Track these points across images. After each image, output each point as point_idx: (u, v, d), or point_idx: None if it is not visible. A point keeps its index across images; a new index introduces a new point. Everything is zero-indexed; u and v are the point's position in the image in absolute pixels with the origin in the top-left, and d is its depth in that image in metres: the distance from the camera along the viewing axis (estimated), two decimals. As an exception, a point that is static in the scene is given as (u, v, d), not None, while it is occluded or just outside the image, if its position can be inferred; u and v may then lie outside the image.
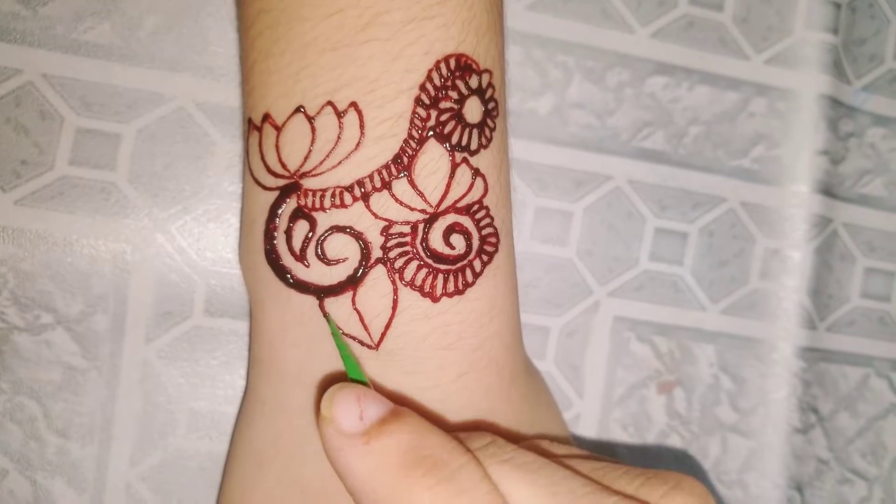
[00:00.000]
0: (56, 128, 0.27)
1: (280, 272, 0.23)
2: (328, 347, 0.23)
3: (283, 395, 0.24)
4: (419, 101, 0.22)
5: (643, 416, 0.31)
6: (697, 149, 0.31)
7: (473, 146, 0.23)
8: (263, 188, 0.23)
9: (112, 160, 0.27)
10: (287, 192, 0.22)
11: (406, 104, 0.22)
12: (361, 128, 0.22)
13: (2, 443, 0.27)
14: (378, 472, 0.19)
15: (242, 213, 0.25)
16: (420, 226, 0.22)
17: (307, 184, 0.22)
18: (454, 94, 0.22)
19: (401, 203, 0.22)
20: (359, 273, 0.22)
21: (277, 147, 0.22)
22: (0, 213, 0.26)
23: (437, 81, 0.22)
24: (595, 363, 0.31)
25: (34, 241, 0.27)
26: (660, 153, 0.31)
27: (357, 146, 0.22)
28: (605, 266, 0.31)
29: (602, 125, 0.31)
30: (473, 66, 0.23)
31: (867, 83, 0.33)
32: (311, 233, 0.22)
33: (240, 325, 0.28)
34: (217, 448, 0.28)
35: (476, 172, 0.23)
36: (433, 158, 0.22)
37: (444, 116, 0.22)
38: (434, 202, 0.22)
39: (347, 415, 0.20)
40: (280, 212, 0.23)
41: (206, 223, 0.28)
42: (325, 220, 0.22)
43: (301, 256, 0.23)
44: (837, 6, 0.32)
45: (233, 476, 0.25)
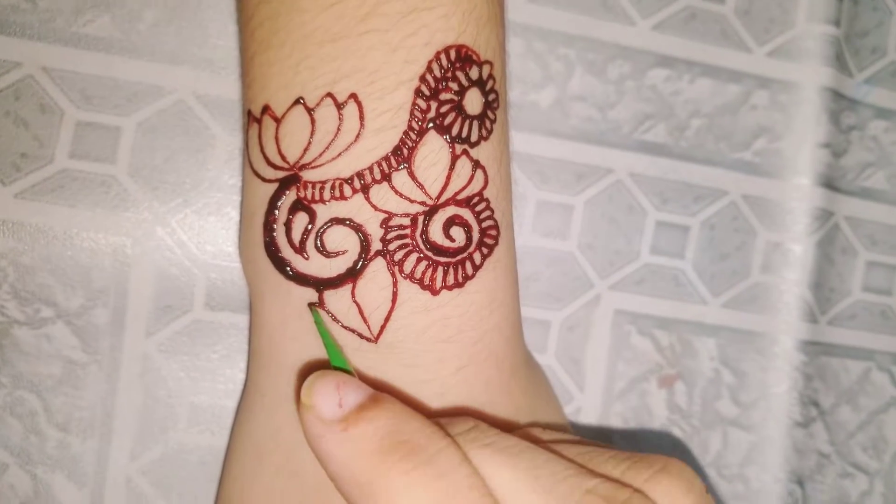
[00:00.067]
0: (56, 121, 0.27)
1: (279, 264, 0.23)
2: (328, 340, 0.23)
3: (283, 388, 0.24)
4: (419, 93, 0.22)
5: (644, 410, 0.31)
6: (699, 142, 0.31)
7: (474, 138, 0.23)
8: (263, 180, 0.23)
9: (112, 153, 0.27)
10: (286, 184, 0.22)
11: (406, 95, 0.22)
12: (361, 119, 0.22)
13: (2, 437, 0.27)
14: (356, 458, 0.19)
15: (242, 206, 0.25)
16: (420, 218, 0.22)
17: (307, 176, 0.22)
18: (454, 86, 0.22)
19: (400, 195, 0.22)
20: (358, 265, 0.22)
21: (277, 139, 0.22)
22: (0, 207, 0.26)
23: (438, 73, 0.22)
24: (596, 357, 0.31)
25: (34, 235, 0.27)
26: (661, 146, 0.31)
27: (357, 138, 0.22)
28: (606, 259, 0.31)
29: (603, 118, 0.30)
30: (474, 58, 0.22)
31: (869, 76, 0.33)
32: (311, 225, 0.22)
33: (240, 319, 0.28)
34: (218, 442, 0.28)
35: (476, 164, 0.23)
36: (433, 150, 0.22)
37: (445, 108, 0.22)
38: (434, 194, 0.22)
39: (327, 402, 0.20)
40: (280, 204, 0.23)
41: (207, 216, 0.28)
42: (325, 213, 0.22)
43: (300, 249, 0.22)
44: (839, -2, 0.32)
45: (232, 469, 0.25)
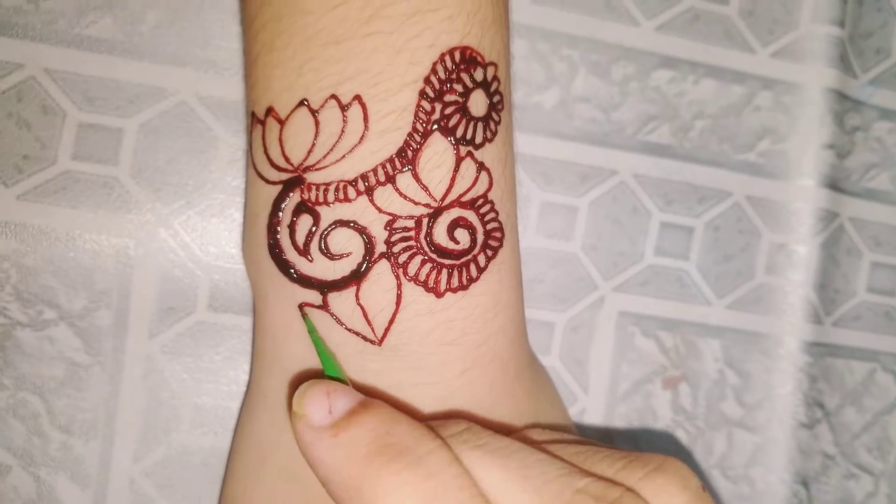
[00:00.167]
0: (58, 122, 0.27)
1: (283, 266, 0.23)
2: (331, 342, 0.23)
3: (287, 390, 0.24)
4: (423, 95, 0.22)
5: (648, 412, 0.31)
6: (703, 143, 0.31)
7: (478, 140, 0.23)
8: (267, 182, 0.23)
9: (115, 155, 0.27)
10: (290, 186, 0.22)
11: (410, 97, 0.22)
12: (365, 121, 0.22)
13: (5, 439, 0.27)
14: (346, 463, 0.19)
15: (245, 208, 0.24)
16: (424, 220, 0.22)
17: (311, 178, 0.22)
18: (459, 88, 0.22)
19: (405, 197, 0.22)
20: (362, 268, 0.22)
21: (281, 141, 0.22)
22: (2, 209, 0.26)
23: (442, 74, 0.22)
24: (600, 358, 0.31)
25: (37, 237, 0.27)
26: (665, 147, 0.31)
27: (361, 140, 0.22)
28: (610, 261, 0.31)
29: (607, 119, 0.30)
30: (478, 59, 0.22)
31: (873, 77, 0.33)
32: (315, 227, 0.22)
33: (243, 321, 0.28)
34: (221, 444, 0.28)
35: (481, 166, 0.23)
36: (437, 152, 0.22)
37: (449, 110, 0.22)
38: (438, 196, 0.22)
39: (317, 409, 0.20)
40: (283, 206, 0.22)
41: (210, 218, 0.28)
42: (329, 215, 0.22)
43: (304, 251, 0.22)
44: (844, -1, 0.32)
45: (235, 470, 0.25)
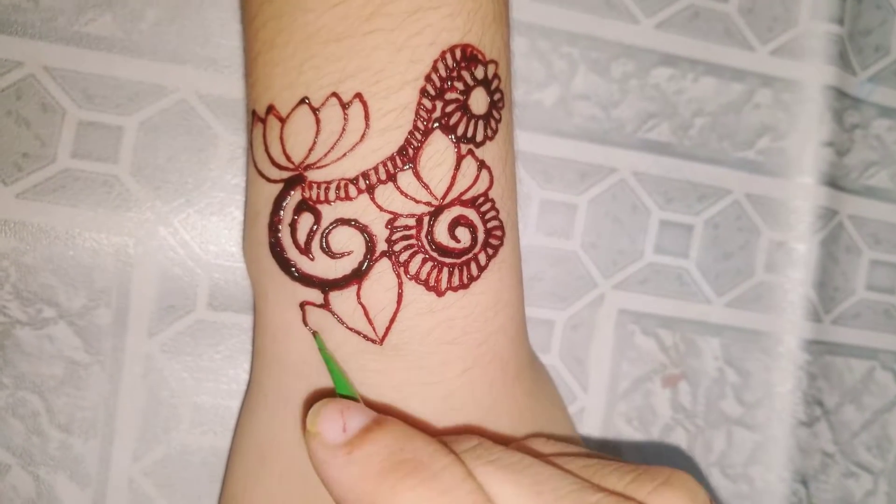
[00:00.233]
0: (58, 120, 0.27)
1: (284, 265, 0.23)
2: (332, 341, 0.23)
3: (287, 389, 0.24)
4: (424, 92, 0.22)
5: (648, 410, 0.31)
6: (702, 140, 0.31)
7: (479, 138, 0.23)
8: (267, 180, 0.23)
9: (114, 153, 0.27)
10: (291, 185, 0.22)
11: (411, 95, 0.22)
12: (366, 119, 0.22)
13: (4, 438, 0.27)
14: (361, 480, 0.19)
15: (246, 206, 0.24)
16: (425, 218, 0.22)
17: (312, 176, 0.22)
18: (460, 85, 0.22)
19: (406, 195, 0.22)
20: (364, 266, 0.22)
21: (282, 139, 0.22)
22: (2, 207, 0.26)
23: (443, 72, 0.22)
24: (600, 357, 0.31)
25: (36, 235, 0.26)
26: (665, 145, 0.31)
27: (362, 138, 0.22)
28: (610, 259, 0.31)
29: (607, 117, 0.30)
30: (479, 57, 0.22)
31: (873, 74, 0.33)
32: (316, 225, 0.22)
33: (243, 319, 0.28)
34: (220, 443, 0.28)
35: (481, 164, 0.23)
36: (438, 150, 0.22)
37: (450, 108, 0.22)
38: (439, 194, 0.22)
39: (331, 428, 0.20)
40: (284, 204, 0.22)
41: (210, 216, 0.27)
42: (330, 213, 0.22)
43: (306, 249, 0.22)
44: (843, -3, 0.32)
45: (235, 470, 0.25)
